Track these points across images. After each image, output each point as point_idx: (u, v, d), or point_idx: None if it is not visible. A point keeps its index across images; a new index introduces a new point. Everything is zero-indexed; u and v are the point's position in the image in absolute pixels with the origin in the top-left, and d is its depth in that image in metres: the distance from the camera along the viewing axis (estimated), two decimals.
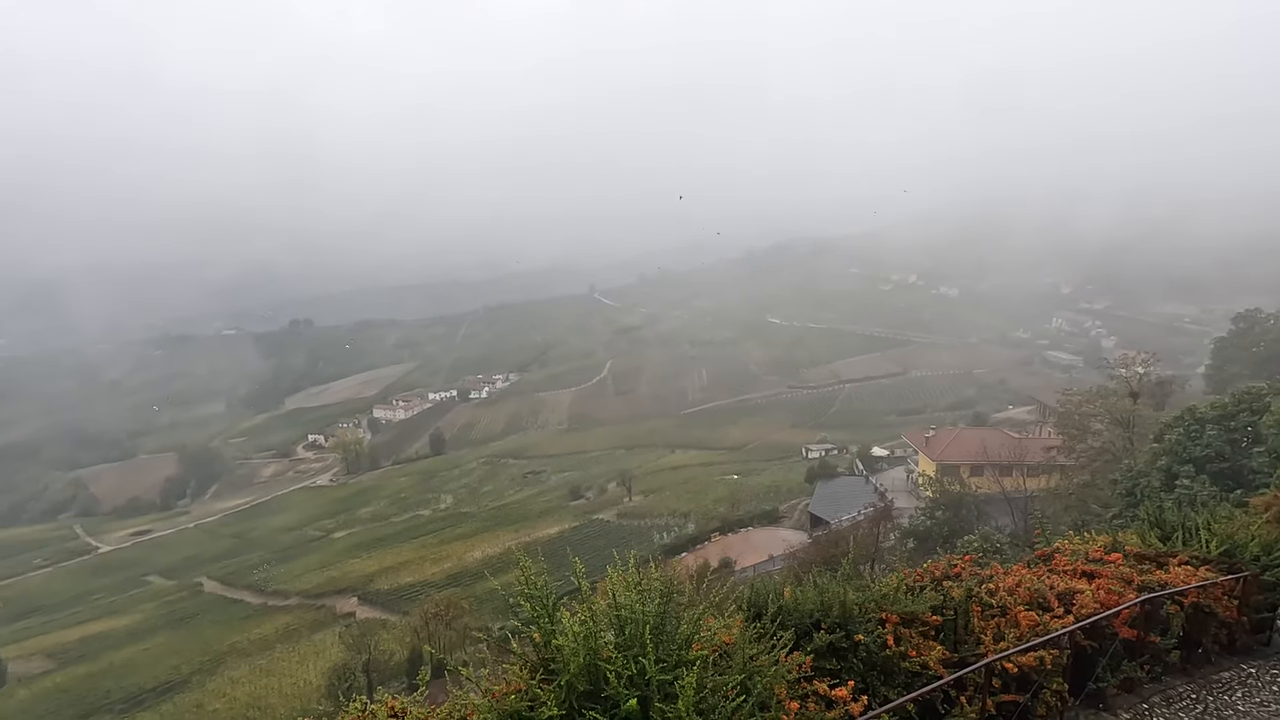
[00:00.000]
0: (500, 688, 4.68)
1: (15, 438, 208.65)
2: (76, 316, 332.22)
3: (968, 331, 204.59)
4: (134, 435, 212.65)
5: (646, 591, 5.03)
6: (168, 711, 51.73)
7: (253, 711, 47.17)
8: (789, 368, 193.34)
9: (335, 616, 66.65)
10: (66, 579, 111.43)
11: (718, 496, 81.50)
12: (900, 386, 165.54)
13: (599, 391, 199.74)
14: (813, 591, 6.61)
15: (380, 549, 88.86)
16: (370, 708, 4.57)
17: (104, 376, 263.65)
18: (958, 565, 8.42)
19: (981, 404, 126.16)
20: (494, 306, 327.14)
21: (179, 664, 60.74)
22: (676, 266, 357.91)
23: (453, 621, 46.80)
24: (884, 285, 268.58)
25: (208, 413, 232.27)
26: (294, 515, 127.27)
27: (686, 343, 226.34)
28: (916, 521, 37.89)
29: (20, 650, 73.66)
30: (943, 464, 54.77)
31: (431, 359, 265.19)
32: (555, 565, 6.04)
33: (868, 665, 6.20)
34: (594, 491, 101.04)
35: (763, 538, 62.95)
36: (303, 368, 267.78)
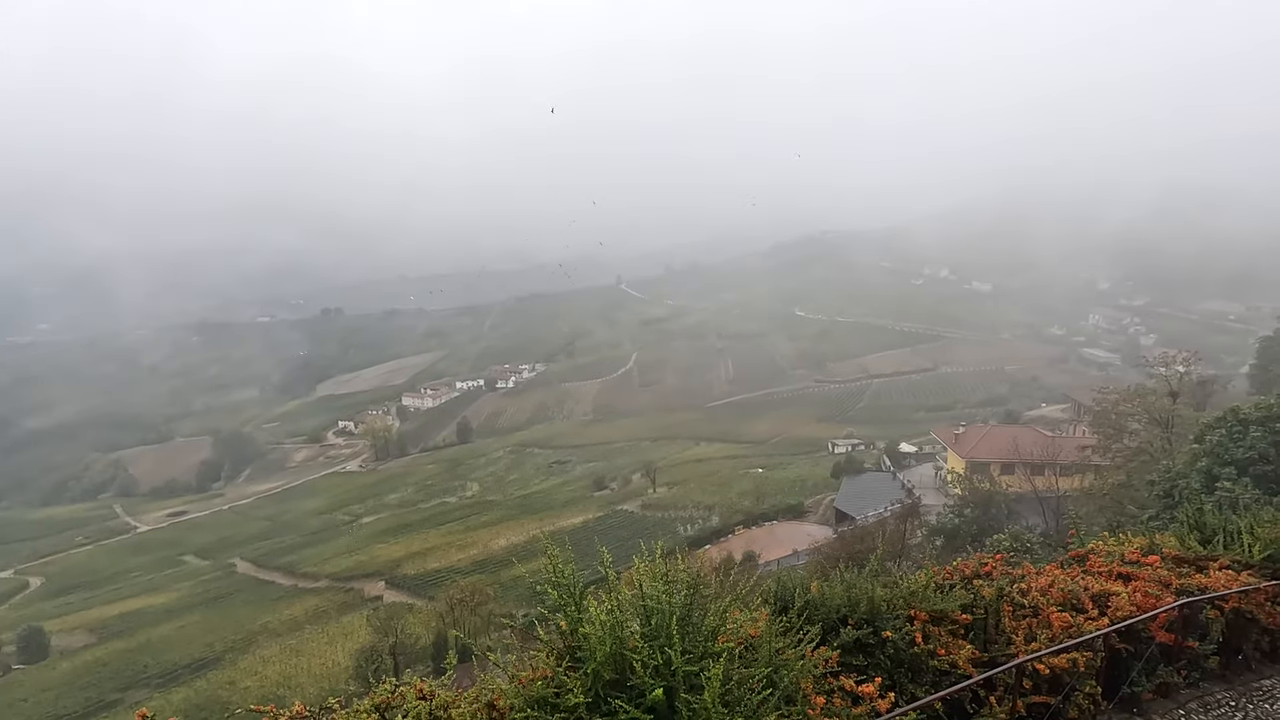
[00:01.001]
0: (527, 674, 4.71)
1: (58, 419, 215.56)
2: (117, 302, 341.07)
3: (1000, 327, 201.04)
4: (171, 419, 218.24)
5: (673, 582, 5.02)
6: (202, 687, 53.19)
7: (283, 689, 48.27)
8: (816, 361, 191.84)
9: (363, 600, 67.93)
10: (106, 557, 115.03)
11: (742, 490, 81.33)
12: (930, 382, 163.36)
13: (625, 383, 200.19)
14: (840, 586, 6.56)
15: (407, 535, 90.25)
16: (399, 689, 4.63)
17: (143, 361, 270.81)
18: (988, 564, 8.28)
19: (1013, 401, 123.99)
20: (522, 297, 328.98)
21: (213, 642, 62.39)
22: (704, 258, 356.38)
23: (477, 608, 47.46)
24: (915, 279, 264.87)
25: (242, 398, 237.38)
26: (324, 500, 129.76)
27: (713, 335, 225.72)
28: (944, 519, 37.40)
29: (63, 624, 76.32)
30: (972, 461, 53.98)
31: (459, 348, 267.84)
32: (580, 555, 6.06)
33: (895, 662, 6.14)
34: (618, 482, 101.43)
35: (787, 532, 62.76)
36: (333, 355, 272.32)
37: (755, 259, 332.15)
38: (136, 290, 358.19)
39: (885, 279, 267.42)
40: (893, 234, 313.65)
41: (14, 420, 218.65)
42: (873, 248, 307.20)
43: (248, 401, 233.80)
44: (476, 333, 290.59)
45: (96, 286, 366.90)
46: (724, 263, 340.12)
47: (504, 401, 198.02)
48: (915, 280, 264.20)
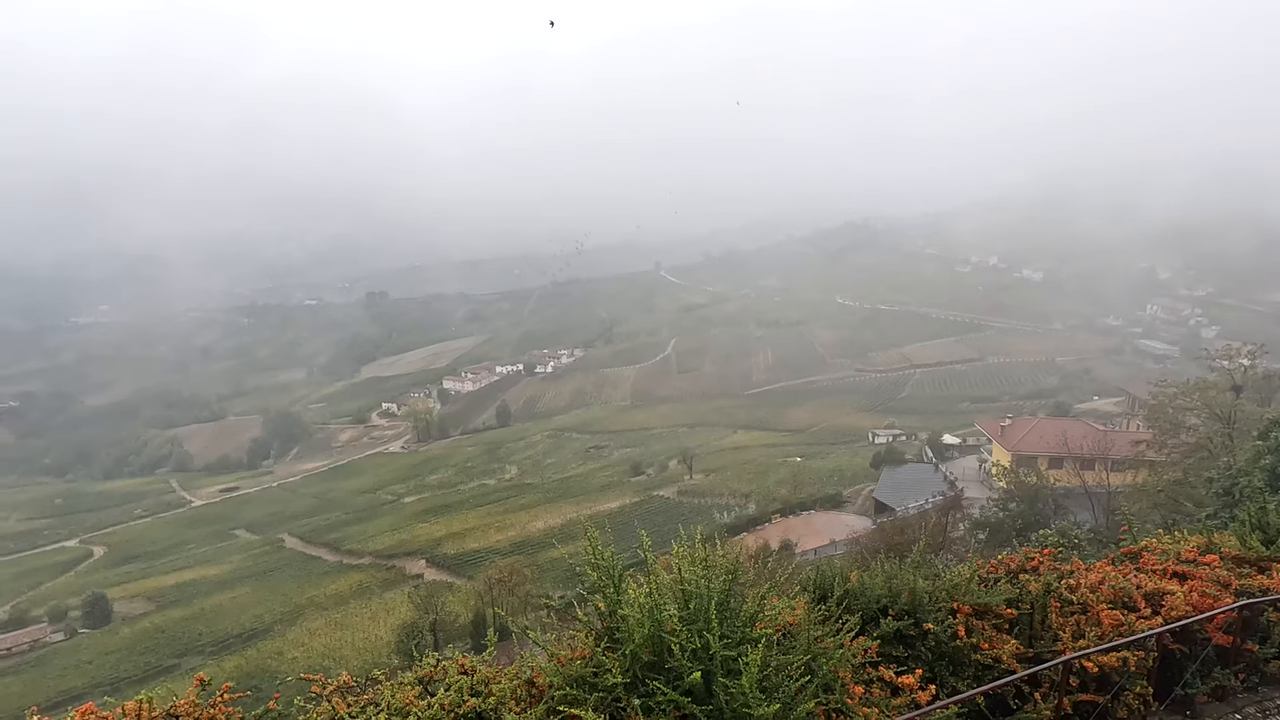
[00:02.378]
0: (566, 653, 4.76)
1: (118, 397, 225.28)
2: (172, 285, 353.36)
3: (1051, 317, 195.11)
4: (224, 398, 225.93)
5: (712, 568, 5.02)
6: (252, 656, 55.25)
7: (328, 661, 49.83)
8: (857, 350, 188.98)
9: (405, 577, 69.55)
10: (164, 529, 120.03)
11: (779, 478, 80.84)
12: (975, 373, 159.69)
13: (663, 369, 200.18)
14: (880, 577, 6.47)
15: (447, 515, 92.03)
16: (442, 663, 4.73)
17: (197, 342, 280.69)
18: (1035, 558, 8.06)
19: (1064, 394, 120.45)
20: (562, 282, 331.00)
21: (262, 613, 64.70)
22: (743, 245, 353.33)
23: (515, 588, 48.26)
24: (961, 267, 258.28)
25: (291, 379, 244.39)
26: (368, 479, 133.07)
27: (752, 322, 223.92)
28: (988, 513, 36.61)
29: (124, 592, 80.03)
30: (1019, 454, 52.69)
31: (500, 332, 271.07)
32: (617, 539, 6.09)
33: (936, 655, 6.04)
34: (655, 468, 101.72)
35: (825, 521, 62.26)
36: (378, 338, 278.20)
37: (796, 245, 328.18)
38: (191, 273, 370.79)
39: (930, 266, 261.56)
40: (938, 220, 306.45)
41: (78, 397, 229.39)
42: (917, 234, 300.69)
43: (296, 382, 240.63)
44: (516, 317, 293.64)
45: (153, 270, 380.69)
46: (764, 249, 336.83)
47: (543, 386, 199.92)
48: (961, 268, 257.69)
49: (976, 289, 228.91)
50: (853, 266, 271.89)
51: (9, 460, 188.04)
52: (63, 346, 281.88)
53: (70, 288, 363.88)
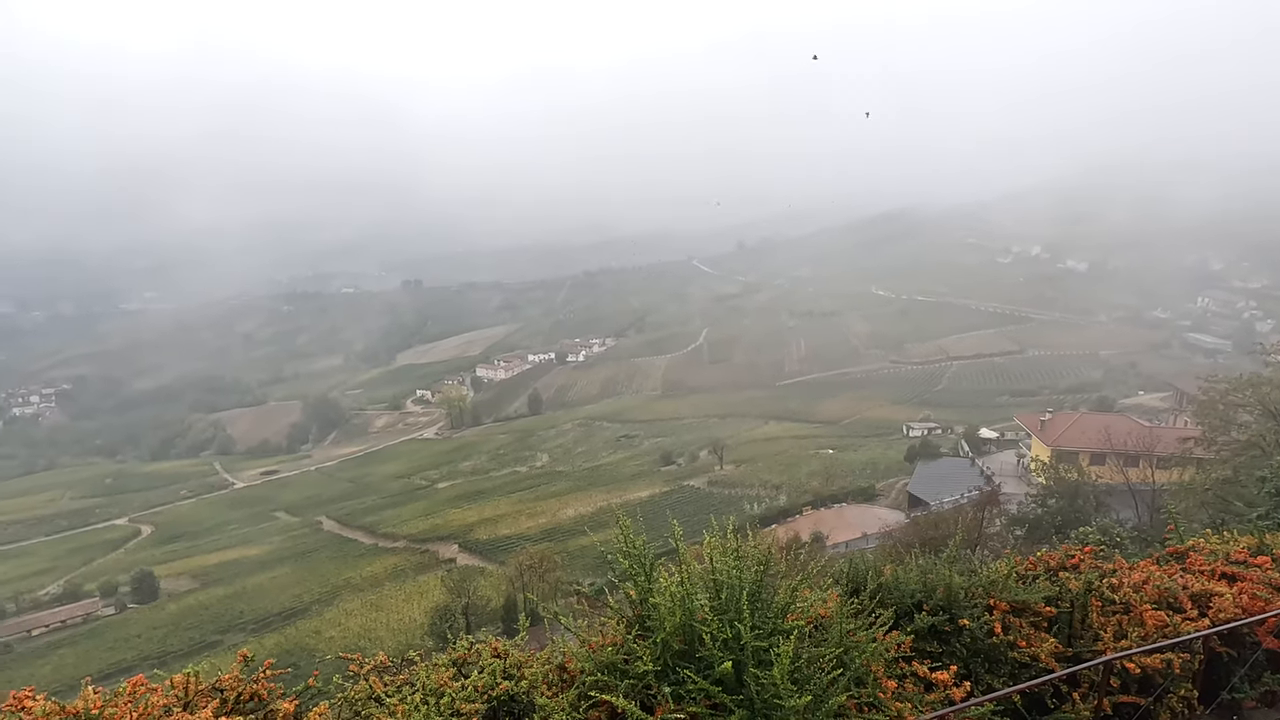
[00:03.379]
0: (597, 639, 4.79)
1: (164, 382, 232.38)
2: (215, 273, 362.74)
3: (1096, 309, 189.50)
4: (264, 383, 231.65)
5: (744, 558, 4.99)
6: (291, 634, 56.81)
7: (364, 641, 51.04)
8: (893, 342, 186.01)
9: (438, 561, 70.75)
10: (207, 510, 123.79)
11: (811, 470, 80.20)
12: (1015, 366, 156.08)
13: (694, 359, 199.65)
14: (915, 571, 6.38)
15: (480, 501, 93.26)
16: (476, 646, 4.80)
17: (239, 328, 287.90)
18: (1076, 556, 7.86)
19: (1108, 388, 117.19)
20: (594, 272, 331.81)
21: (300, 593, 66.43)
22: (778, 234, 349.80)
23: (545, 574, 48.74)
24: (1002, 257, 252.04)
25: (328, 365, 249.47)
26: (403, 464, 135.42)
27: (785, 313, 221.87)
28: (1026, 509, 35.81)
29: (170, 570, 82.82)
30: (1059, 450, 51.44)
31: (532, 321, 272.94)
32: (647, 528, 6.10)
33: (971, 651, 5.94)
34: (685, 458, 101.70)
35: (857, 514, 61.67)
36: (413, 326, 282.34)
37: (831, 235, 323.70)
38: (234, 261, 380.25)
39: (969, 256, 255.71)
40: (979, 210, 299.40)
41: (126, 382, 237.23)
42: (957, 224, 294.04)
43: (333, 369, 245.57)
44: (549, 306, 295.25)
45: (199, 258, 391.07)
46: (799, 239, 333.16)
47: (574, 375, 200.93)
48: (1003, 258, 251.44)
49: (1018, 280, 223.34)
50: (889, 257, 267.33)
51: (63, 441, 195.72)
52: (112, 332, 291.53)
53: (120, 275, 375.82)
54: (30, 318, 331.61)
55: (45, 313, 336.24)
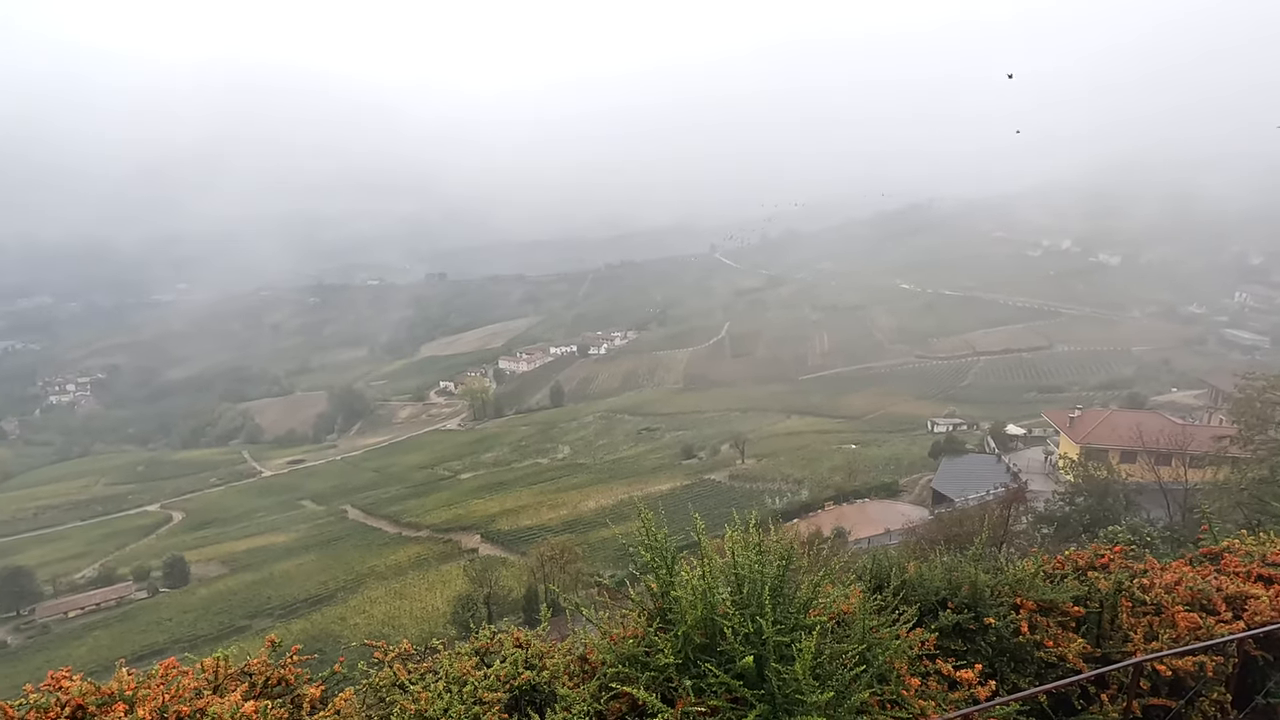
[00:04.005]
0: (618, 631, 4.80)
1: (195, 371, 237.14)
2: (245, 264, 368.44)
3: (1128, 304, 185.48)
4: (292, 373, 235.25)
5: (766, 553, 4.97)
6: (317, 620, 57.87)
7: (388, 629, 51.84)
8: (918, 336, 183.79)
9: (460, 551, 71.55)
10: (236, 497, 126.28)
11: (834, 465, 79.70)
12: (1043, 361, 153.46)
13: (716, 352, 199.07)
14: (940, 568, 6.30)
15: (502, 492, 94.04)
16: (498, 636, 4.84)
17: (267, 320, 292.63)
18: (1105, 555, 7.72)
19: (1139, 385, 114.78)
20: (616, 264, 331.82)
21: (326, 580, 67.57)
22: (802, 227, 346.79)
23: (566, 565, 49.09)
24: (1032, 251, 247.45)
25: (354, 356, 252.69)
26: (426, 455, 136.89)
27: (808, 306, 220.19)
28: (1053, 506, 35.24)
29: (200, 556, 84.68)
30: (1088, 447, 50.56)
31: (554, 314, 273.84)
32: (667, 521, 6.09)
33: (997, 650, 5.87)
34: (707, 452, 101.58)
35: (879, 510, 61.21)
36: (436, 318, 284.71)
37: (856, 228, 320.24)
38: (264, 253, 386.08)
39: (997, 250, 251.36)
40: (1007, 202, 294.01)
41: (158, 371, 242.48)
42: (984, 216, 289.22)
43: (358, 360, 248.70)
44: (571, 299, 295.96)
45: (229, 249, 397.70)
46: (822, 231, 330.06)
47: (596, 367, 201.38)
48: (1032, 251, 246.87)
49: (1047, 274, 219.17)
50: (914, 250, 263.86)
51: (97, 429, 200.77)
52: (145, 323, 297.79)
53: (152, 267, 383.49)
54: (67, 308, 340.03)
55: (81, 304, 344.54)
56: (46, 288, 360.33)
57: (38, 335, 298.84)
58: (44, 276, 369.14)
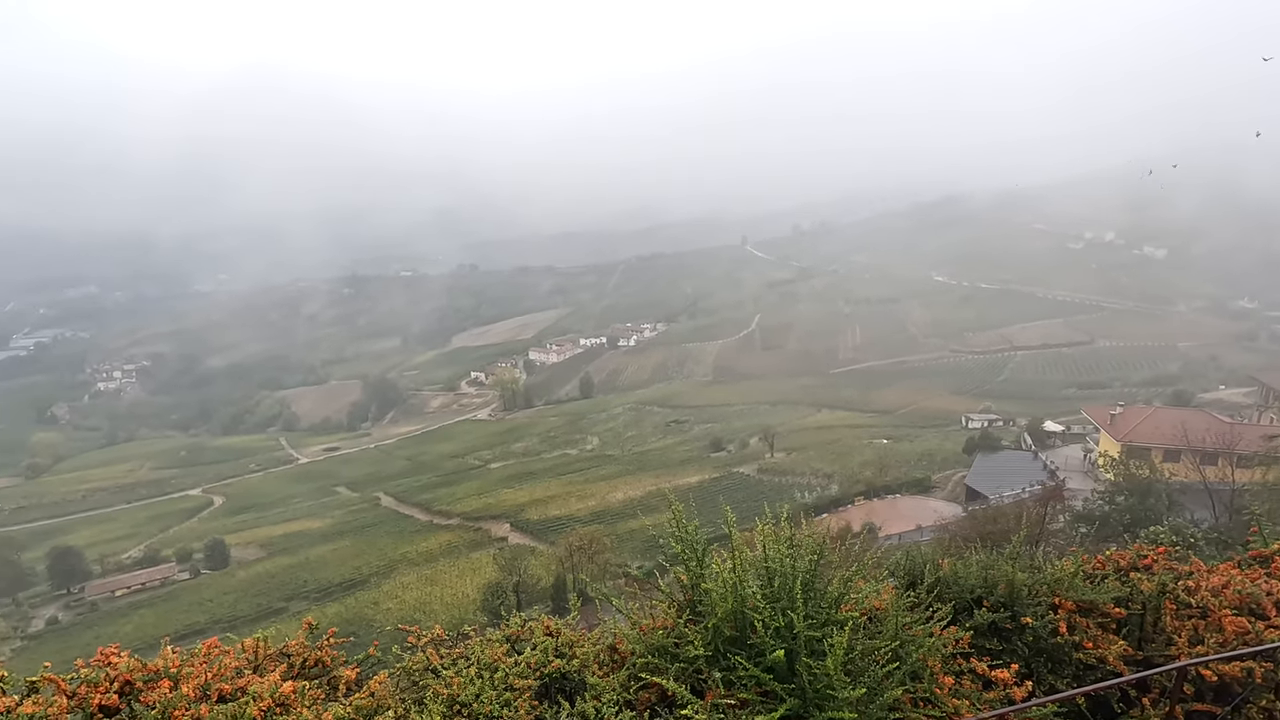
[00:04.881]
0: (648, 622, 4.81)
1: (235, 360, 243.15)
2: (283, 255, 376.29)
3: (1175, 298, 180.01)
4: (327, 363, 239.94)
5: (797, 547, 4.93)
6: (351, 604, 59.05)
7: (419, 614, 52.66)
8: (953, 330, 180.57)
9: (490, 539, 72.37)
10: (274, 483, 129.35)
11: (864, 460, 78.81)
12: (1084, 357, 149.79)
13: (746, 345, 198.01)
14: (976, 566, 6.19)
15: (531, 482, 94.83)
16: (529, 624, 4.88)
17: (304, 310, 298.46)
18: (1148, 556, 7.50)
19: (1185, 381, 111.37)
20: (646, 256, 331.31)
21: (360, 565, 68.92)
22: (835, 219, 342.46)
23: (595, 556, 49.37)
24: (1073, 243, 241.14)
25: (387, 346, 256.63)
26: (457, 444, 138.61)
27: (841, 299, 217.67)
28: (1092, 505, 34.39)
29: (239, 539, 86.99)
30: (1129, 445, 49.23)
31: (584, 306, 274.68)
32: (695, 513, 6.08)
33: (1034, 651, 5.75)
34: (735, 445, 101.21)
35: (911, 506, 60.41)
36: (468, 309, 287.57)
37: (891, 219, 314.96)
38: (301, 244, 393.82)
39: (1037, 242, 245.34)
40: (1047, 193, 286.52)
41: (200, 359, 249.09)
42: (1024, 208, 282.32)
43: (391, 350, 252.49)
44: (601, 291, 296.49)
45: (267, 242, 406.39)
46: (857, 223, 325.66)
47: (625, 359, 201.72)
48: (1074, 244, 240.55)
49: (1089, 267, 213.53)
50: (951, 242, 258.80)
51: (142, 415, 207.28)
52: (188, 312, 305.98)
53: (195, 259, 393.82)
54: (114, 298, 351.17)
55: (127, 293, 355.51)
56: (94, 278, 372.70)
57: (86, 324, 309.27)
58: (92, 268, 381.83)
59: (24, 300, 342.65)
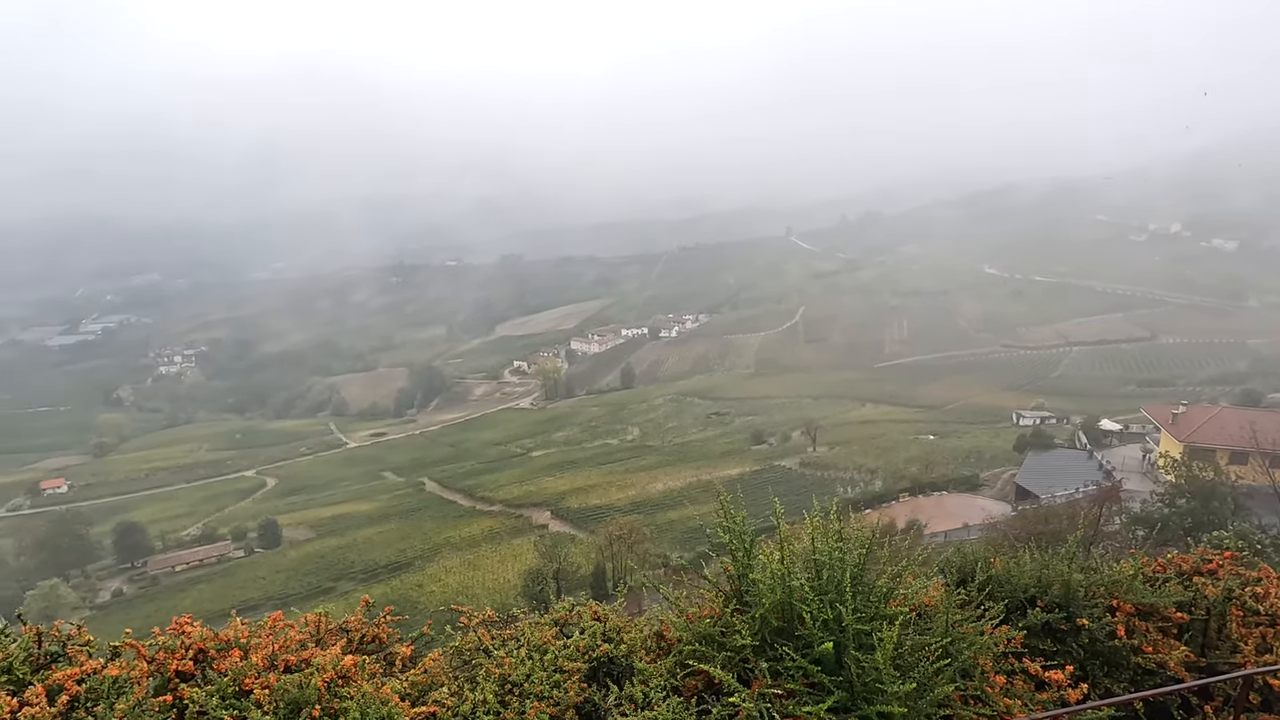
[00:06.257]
0: (694, 610, 4.84)
1: (288, 346, 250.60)
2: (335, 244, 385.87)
3: (1246, 293, 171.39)
4: (375, 350, 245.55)
5: (847, 540, 4.90)
6: (396, 586, 60.60)
7: (461, 598, 53.77)
8: (1005, 324, 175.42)
9: (531, 526, 73.41)
10: (324, 466, 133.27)
11: (910, 456, 77.41)
12: (1145, 353, 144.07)
13: (789, 337, 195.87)
14: (1030, 565, 6.06)
15: (571, 471, 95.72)
16: (576, 609, 4.96)
17: (353, 298, 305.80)
18: (1213, 561, 7.24)
19: (1254, 380, 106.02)
20: (689, 247, 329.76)
21: (404, 548, 70.65)
22: (883, 209, 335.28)
23: (634, 545, 49.67)
24: (1136, 235, 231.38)
25: (432, 334, 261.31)
26: (500, 432, 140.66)
27: (888, 291, 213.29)
28: (1151, 507, 33.15)
29: (290, 520, 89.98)
30: (1192, 446, 47.26)
31: (626, 296, 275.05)
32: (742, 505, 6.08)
33: (1089, 653, 5.61)
34: (777, 438, 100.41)
35: (957, 504, 59.18)
36: (511, 298, 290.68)
37: (941, 209, 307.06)
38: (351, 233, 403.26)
39: (1097, 234, 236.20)
40: (1109, 183, 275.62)
41: (255, 345, 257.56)
42: (1083, 198, 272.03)
43: (437, 338, 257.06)
44: (644, 281, 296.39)
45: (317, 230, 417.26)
46: (905, 214, 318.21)
47: (667, 350, 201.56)
48: (1136, 236, 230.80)
49: (1152, 260, 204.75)
50: (1005, 233, 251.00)
51: (201, 398, 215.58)
52: (244, 299, 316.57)
53: (251, 247, 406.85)
54: (175, 285, 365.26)
55: (187, 280, 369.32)
56: (157, 265, 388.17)
57: (150, 310, 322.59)
58: (155, 255, 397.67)
59: (93, 286, 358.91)
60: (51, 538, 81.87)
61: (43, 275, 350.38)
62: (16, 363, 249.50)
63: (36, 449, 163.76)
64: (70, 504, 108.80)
